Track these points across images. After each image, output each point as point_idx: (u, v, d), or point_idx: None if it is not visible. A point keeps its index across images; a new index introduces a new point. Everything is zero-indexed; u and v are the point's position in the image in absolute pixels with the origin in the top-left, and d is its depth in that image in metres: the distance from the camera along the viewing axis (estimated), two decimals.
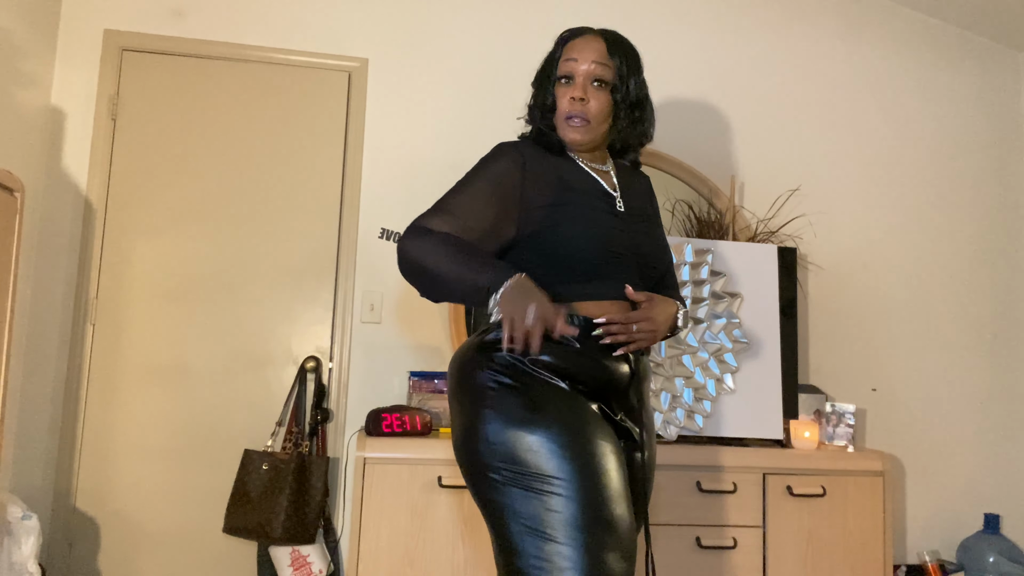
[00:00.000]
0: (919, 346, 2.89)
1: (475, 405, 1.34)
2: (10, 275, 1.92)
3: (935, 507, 2.82)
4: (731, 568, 2.18)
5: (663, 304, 1.49)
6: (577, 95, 1.49)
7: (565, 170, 1.53)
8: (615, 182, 1.58)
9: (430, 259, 1.35)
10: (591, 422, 1.35)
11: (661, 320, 1.46)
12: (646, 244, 1.54)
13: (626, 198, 1.58)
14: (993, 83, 3.07)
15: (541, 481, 1.24)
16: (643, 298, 1.46)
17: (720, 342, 2.31)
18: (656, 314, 1.45)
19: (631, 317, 1.42)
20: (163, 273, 2.55)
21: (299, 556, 2.34)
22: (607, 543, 1.22)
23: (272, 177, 2.63)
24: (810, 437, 2.35)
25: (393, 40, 2.74)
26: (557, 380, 1.37)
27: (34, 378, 2.45)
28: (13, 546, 2.01)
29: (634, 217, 1.56)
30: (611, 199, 1.54)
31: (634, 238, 1.52)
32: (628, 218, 1.54)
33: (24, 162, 2.37)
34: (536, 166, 1.50)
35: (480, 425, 1.31)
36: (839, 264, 2.87)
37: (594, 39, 1.52)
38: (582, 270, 1.45)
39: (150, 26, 2.62)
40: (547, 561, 1.19)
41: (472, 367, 1.38)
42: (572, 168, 1.55)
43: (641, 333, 1.42)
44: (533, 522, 1.22)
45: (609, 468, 1.29)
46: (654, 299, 1.47)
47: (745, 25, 2.94)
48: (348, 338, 2.60)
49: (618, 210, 1.54)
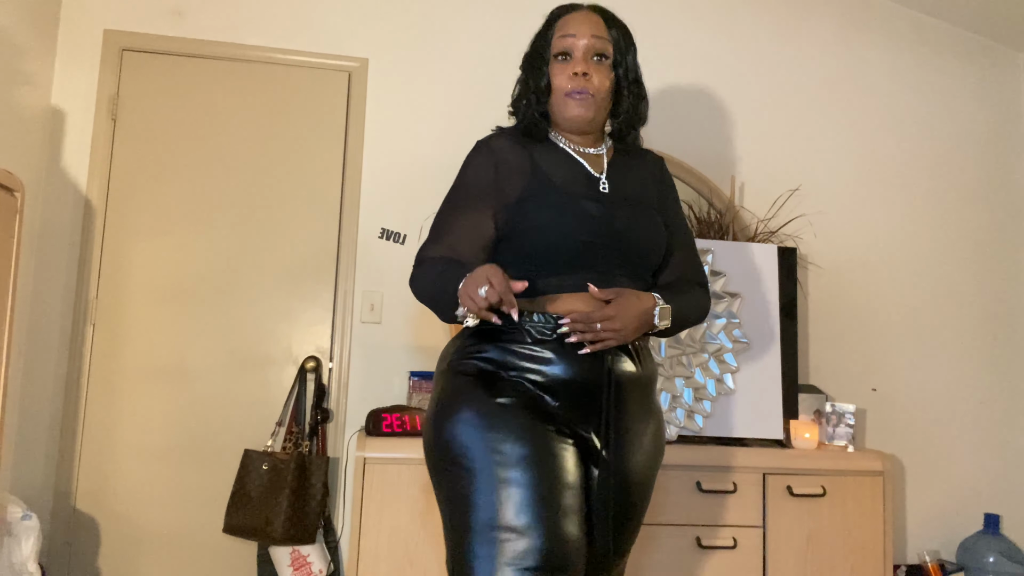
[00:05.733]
0: (919, 346, 2.89)
1: (432, 400, 1.40)
2: (10, 275, 1.92)
3: (935, 507, 2.82)
4: (731, 568, 2.18)
5: (633, 300, 1.36)
6: (579, 70, 1.42)
7: (543, 157, 1.47)
8: (604, 165, 1.49)
9: (426, 289, 1.38)
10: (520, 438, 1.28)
11: (630, 317, 1.34)
12: (635, 230, 1.43)
13: (616, 181, 1.48)
14: (993, 83, 3.07)
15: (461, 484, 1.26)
16: (610, 295, 1.35)
17: (720, 342, 2.31)
18: (623, 311, 1.33)
19: (593, 315, 1.32)
20: (163, 273, 2.55)
21: (299, 556, 2.34)
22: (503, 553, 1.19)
23: (272, 177, 2.63)
24: (810, 437, 2.35)
25: (393, 40, 2.74)
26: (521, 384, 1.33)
27: (34, 378, 2.45)
28: (13, 546, 2.01)
29: (622, 201, 1.45)
30: (594, 182, 1.45)
31: (618, 224, 1.41)
32: (613, 203, 1.44)
33: (24, 162, 2.37)
34: (510, 158, 1.45)
35: (430, 418, 1.36)
36: (839, 264, 2.87)
37: (590, 13, 1.46)
38: (553, 261, 1.38)
39: (150, 26, 2.62)
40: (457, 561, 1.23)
41: (441, 364, 1.44)
42: (552, 154, 1.48)
43: (606, 332, 1.32)
44: (452, 520, 1.26)
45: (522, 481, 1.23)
46: (623, 294, 1.35)
47: (745, 25, 2.94)
48: (348, 338, 2.60)
49: (601, 192, 1.44)
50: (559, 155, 1.48)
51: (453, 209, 1.45)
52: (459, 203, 1.45)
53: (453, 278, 1.30)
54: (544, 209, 1.39)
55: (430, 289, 1.37)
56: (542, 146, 1.49)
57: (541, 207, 1.39)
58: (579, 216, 1.39)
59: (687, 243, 1.56)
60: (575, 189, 1.43)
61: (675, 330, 1.47)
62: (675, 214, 1.57)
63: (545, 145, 1.49)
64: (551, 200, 1.40)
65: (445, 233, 1.43)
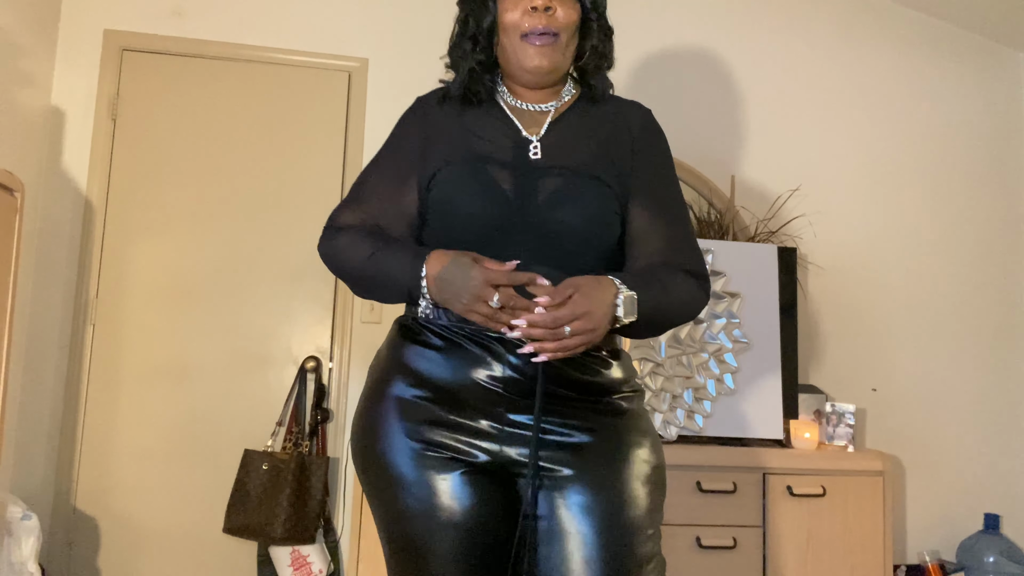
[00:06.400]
0: (919, 346, 2.89)
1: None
2: (10, 275, 1.92)
3: (935, 507, 2.82)
4: (731, 568, 2.18)
5: (596, 290, 1.05)
6: (540, 3, 1.14)
7: (475, 122, 1.21)
8: (546, 124, 1.21)
9: (346, 265, 1.20)
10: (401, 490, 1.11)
11: (600, 314, 1.04)
12: (563, 208, 1.13)
13: (555, 144, 1.19)
14: (993, 83, 3.07)
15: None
16: (567, 290, 1.04)
17: (720, 342, 2.31)
18: (594, 306, 1.04)
19: (560, 317, 1.02)
20: (163, 273, 2.55)
21: (299, 556, 2.34)
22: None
23: (272, 177, 2.63)
24: (810, 437, 2.35)
25: (393, 40, 2.74)
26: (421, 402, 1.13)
27: (34, 378, 2.45)
28: (13, 546, 2.01)
29: (553, 171, 1.16)
30: (522, 148, 1.18)
31: (540, 201, 1.14)
32: (541, 173, 1.16)
33: (24, 162, 2.37)
34: (440, 122, 1.22)
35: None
36: (839, 264, 2.87)
37: None
38: (454, 246, 1.13)
39: (150, 26, 2.62)
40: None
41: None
42: (486, 117, 1.22)
43: (576, 337, 1.03)
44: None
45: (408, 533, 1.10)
46: (581, 286, 1.05)
47: (745, 25, 2.94)
48: (348, 338, 2.60)
49: (530, 160, 1.17)
50: (494, 116, 1.22)
51: (379, 173, 1.24)
52: (384, 169, 1.24)
53: (397, 263, 1.12)
54: (449, 185, 1.16)
55: (360, 268, 1.17)
56: (479, 108, 1.23)
57: (447, 183, 1.16)
58: (489, 193, 1.14)
59: (674, 218, 1.22)
60: (495, 157, 1.17)
61: (650, 329, 1.17)
62: (655, 181, 1.23)
63: (484, 106, 1.23)
64: (458, 174, 1.16)
65: (365, 198, 1.23)
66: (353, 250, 1.17)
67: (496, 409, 1.11)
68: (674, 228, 1.22)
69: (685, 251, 1.21)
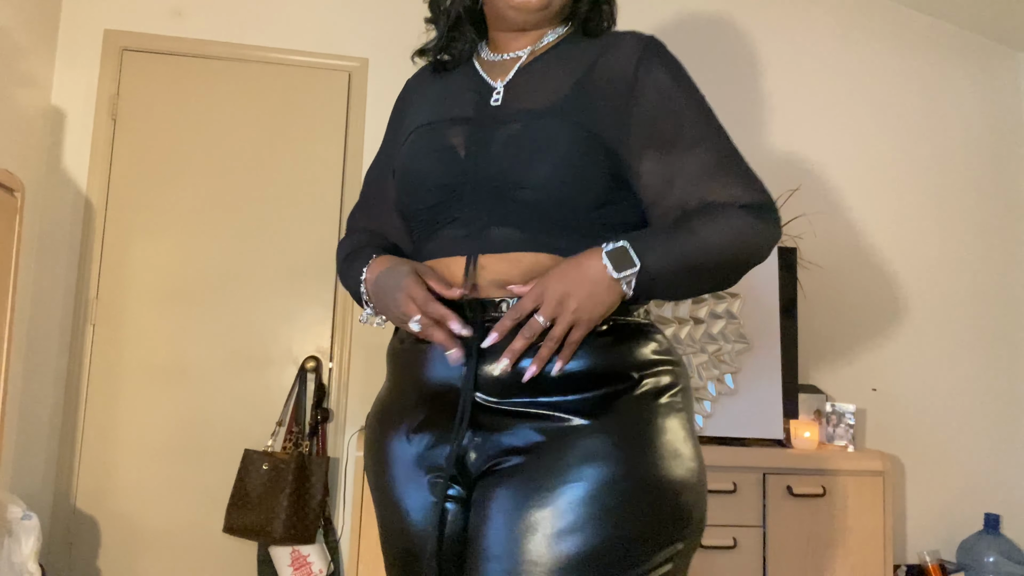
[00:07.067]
0: (919, 346, 2.89)
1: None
2: (10, 275, 1.92)
3: (935, 507, 2.82)
4: (731, 568, 2.18)
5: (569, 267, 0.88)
6: None
7: (447, 86, 1.08)
8: (515, 69, 1.03)
9: (338, 272, 1.12)
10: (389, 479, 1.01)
11: (584, 289, 0.86)
12: (522, 155, 0.93)
13: (522, 86, 1.00)
14: (993, 83, 3.07)
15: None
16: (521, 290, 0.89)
17: (720, 342, 2.31)
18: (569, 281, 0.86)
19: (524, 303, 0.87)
20: (163, 273, 2.55)
21: (299, 556, 2.34)
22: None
23: (272, 177, 2.63)
24: (810, 437, 2.35)
25: (393, 40, 2.74)
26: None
27: (34, 378, 2.45)
28: (13, 546, 2.01)
29: (512, 116, 0.97)
30: (484, 96, 1.02)
31: (493, 151, 0.95)
32: (499, 120, 0.98)
33: (24, 162, 2.37)
34: (416, 98, 1.13)
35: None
36: (839, 264, 2.87)
37: None
38: (417, 219, 1.02)
39: (150, 26, 2.62)
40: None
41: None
42: (459, 78, 1.08)
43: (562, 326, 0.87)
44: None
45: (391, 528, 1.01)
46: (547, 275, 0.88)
47: (744, 24, 2.94)
48: (348, 338, 2.60)
49: (488, 108, 1.00)
50: (467, 72, 1.08)
51: (372, 169, 1.18)
52: (376, 164, 1.17)
53: (354, 269, 1.05)
54: (404, 154, 1.04)
55: (341, 274, 1.11)
56: (459, 70, 1.10)
57: (404, 153, 1.04)
58: (436, 154, 0.99)
59: (694, 147, 0.96)
60: (454, 115, 1.02)
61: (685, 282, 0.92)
62: (662, 116, 0.96)
63: (463, 67, 1.09)
64: (412, 140, 1.04)
65: (365, 197, 1.18)
66: (340, 255, 1.13)
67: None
68: (697, 158, 0.96)
69: (721, 181, 0.96)
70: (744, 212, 0.95)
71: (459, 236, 0.96)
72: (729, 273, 0.95)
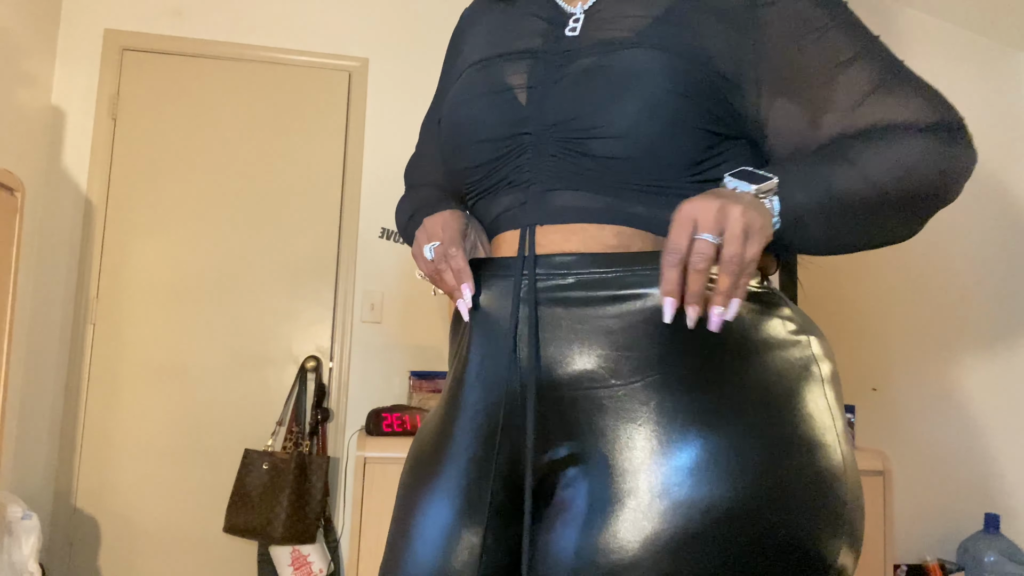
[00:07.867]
0: (919, 346, 2.89)
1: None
2: (10, 275, 1.92)
3: (935, 507, 2.82)
4: None
5: (695, 199, 0.64)
6: None
7: (513, 13, 0.87)
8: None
9: (407, 239, 0.97)
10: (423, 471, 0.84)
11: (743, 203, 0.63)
12: (596, 93, 0.73)
13: (608, 14, 0.78)
14: (993, 83, 3.07)
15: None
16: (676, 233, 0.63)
17: None
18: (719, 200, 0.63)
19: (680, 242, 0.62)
20: (163, 273, 2.55)
21: (299, 556, 2.34)
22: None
23: (272, 177, 2.63)
24: None
25: (393, 40, 2.74)
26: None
27: (34, 378, 2.45)
28: (13, 546, 2.01)
29: (588, 50, 0.77)
30: (558, 26, 0.81)
31: (561, 92, 0.76)
32: (574, 55, 0.78)
33: (24, 162, 2.37)
34: (474, 30, 0.92)
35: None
36: (838, 263, 2.87)
37: None
38: (470, 177, 0.84)
39: (150, 26, 2.62)
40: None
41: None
42: (527, 4, 0.87)
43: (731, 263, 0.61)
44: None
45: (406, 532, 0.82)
46: (681, 209, 0.63)
47: None
48: (348, 338, 2.60)
49: (562, 40, 0.80)
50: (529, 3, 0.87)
51: (429, 112, 1.03)
52: (432, 105, 1.03)
53: (412, 222, 0.94)
54: (454, 97, 0.85)
55: (408, 236, 0.97)
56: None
57: (453, 95, 0.86)
58: (490, 92, 0.80)
59: (842, 65, 0.73)
60: (511, 45, 0.83)
61: (829, 232, 0.71)
62: (798, 36, 0.74)
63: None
64: (464, 80, 0.85)
65: (416, 148, 1.05)
66: (401, 217, 0.99)
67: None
68: (850, 80, 0.73)
69: (886, 101, 0.72)
70: (924, 135, 0.71)
71: (514, 203, 0.79)
72: (909, 216, 0.73)
